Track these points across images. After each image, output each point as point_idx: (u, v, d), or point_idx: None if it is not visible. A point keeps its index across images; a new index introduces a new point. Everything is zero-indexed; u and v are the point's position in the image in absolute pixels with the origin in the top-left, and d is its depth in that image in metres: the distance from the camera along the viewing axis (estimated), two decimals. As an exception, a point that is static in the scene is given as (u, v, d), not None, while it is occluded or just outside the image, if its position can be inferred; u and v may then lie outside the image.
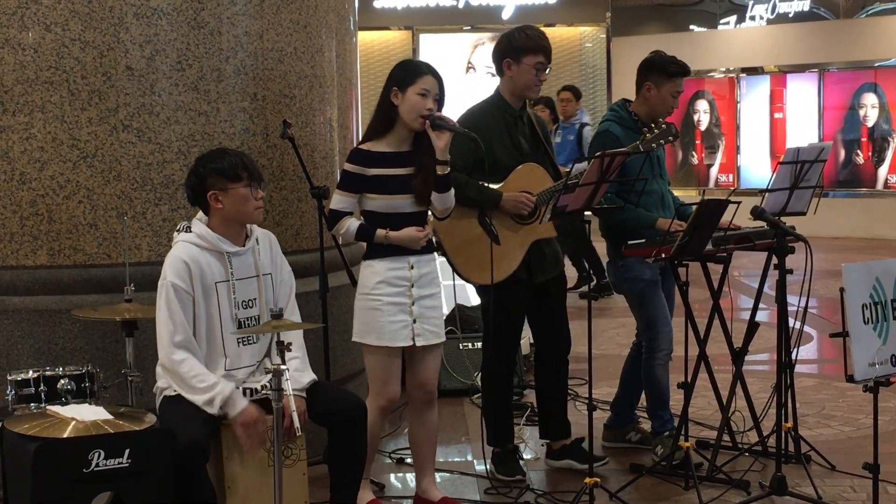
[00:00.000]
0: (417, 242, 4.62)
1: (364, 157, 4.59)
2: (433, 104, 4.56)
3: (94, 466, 3.73)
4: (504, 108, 5.24)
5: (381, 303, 4.58)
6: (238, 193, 4.26)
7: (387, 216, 4.60)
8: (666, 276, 5.50)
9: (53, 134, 4.99)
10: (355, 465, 4.42)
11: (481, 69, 18.77)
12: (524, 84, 5.21)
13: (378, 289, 4.59)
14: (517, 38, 5.22)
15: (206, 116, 5.18)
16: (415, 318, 4.63)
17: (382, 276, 4.59)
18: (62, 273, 5.04)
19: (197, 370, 4.16)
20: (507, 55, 5.21)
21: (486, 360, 5.44)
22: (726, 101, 18.49)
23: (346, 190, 4.62)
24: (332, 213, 4.66)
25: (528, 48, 5.17)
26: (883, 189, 17.00)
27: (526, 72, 5.18)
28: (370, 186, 4.58)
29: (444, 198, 4.66)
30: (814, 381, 7.34)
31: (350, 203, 4.63)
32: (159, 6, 5.06)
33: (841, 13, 17.56)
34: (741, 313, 8.29)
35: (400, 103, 4.57)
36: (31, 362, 4.86)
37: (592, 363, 4.85)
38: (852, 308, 4.04)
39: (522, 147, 5.22)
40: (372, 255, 4.64)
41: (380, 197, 4.58)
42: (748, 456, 5.42)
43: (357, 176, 4.58)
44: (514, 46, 5.20)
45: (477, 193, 5.04)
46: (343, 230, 4.65)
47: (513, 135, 5.21)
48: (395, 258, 4.60)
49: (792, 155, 5.26)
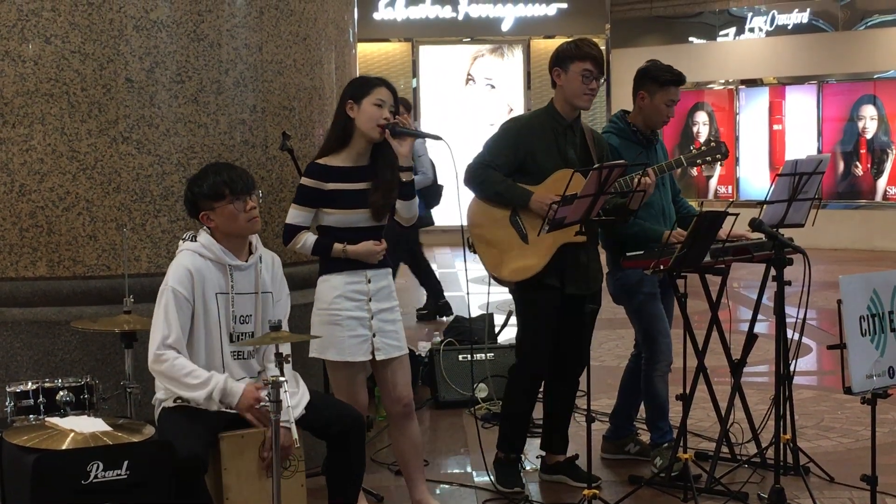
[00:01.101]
0: (375, 256, 4.65)
1: (321, 171, 4.61)
2: (388, 114, 4.58)
3: (92, 478, 3.74)
4: (554, 116, 5.26)
5: (340, 317, 4.60)
6: (225, 211, 4.28)
7: (343, 231, 4.62)
8: (665, 288, 5.51)
9: (53, 146, 5.00)
10: (354, 477, 4.42)
11: (481, 81, 18.79)
12: (572, 92, 5.20)
13: (336, 303, 4.60)
14: (566, 47, 5.26)
15: (206, 128, 5.19)
16: (374, 332, 4.64)
17: (340, 290, 4.60)
18: (61, 284, 5.04)
19: (189, 367, 4.15)
20: (557, 64, 5.25)
21: (514, 367, 5.41)
22: (725, 112, 18.50)
23: (302, 204, 4.64)
24: (288, 228, 4.67)
25: (574, 56, 5.20)
26: (882, 201, 17.00)
27: (573, 80, 5.18)
28: (327, 201, 4.60)
29: (410, 205, 4.71)
30: (813, 393, 7.34)
31: (306, 217, 4.65)
32: (159, 18, 5.07)
33: (840, 25, 17.58)
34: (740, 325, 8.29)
35: (356, 115, 4.59)
36: (30, 374, 4.86)
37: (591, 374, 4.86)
38: (850, 320, 4.05)
39: (569, 157, 5.21)
40: (329, 270, 4.66)
41: (337, 212, 4.60)
42: (747, 468, 5.42)
43: (314, 190, 4.60)
44: (561, 55, 5.25)
45: (505, 189, 5.09)
46: (300, 245, 4.67)
47: (560, 144, 5.22)
48: (352, 272, 4.63)
49: (790, 167, 5.27)
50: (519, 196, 5.09)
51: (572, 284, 5.20)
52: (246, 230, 4.32)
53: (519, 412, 5.40)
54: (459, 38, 19.06)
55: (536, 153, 5.13)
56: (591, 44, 5.30)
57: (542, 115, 5.31)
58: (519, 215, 5.13)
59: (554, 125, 5.24)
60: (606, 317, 5.93)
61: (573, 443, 5.63)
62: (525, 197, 5.07)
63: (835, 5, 17.60)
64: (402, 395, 4.80)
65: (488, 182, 5.09)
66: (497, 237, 5.16)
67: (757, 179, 17.76)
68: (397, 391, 4.78)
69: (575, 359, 5.35)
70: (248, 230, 4.33)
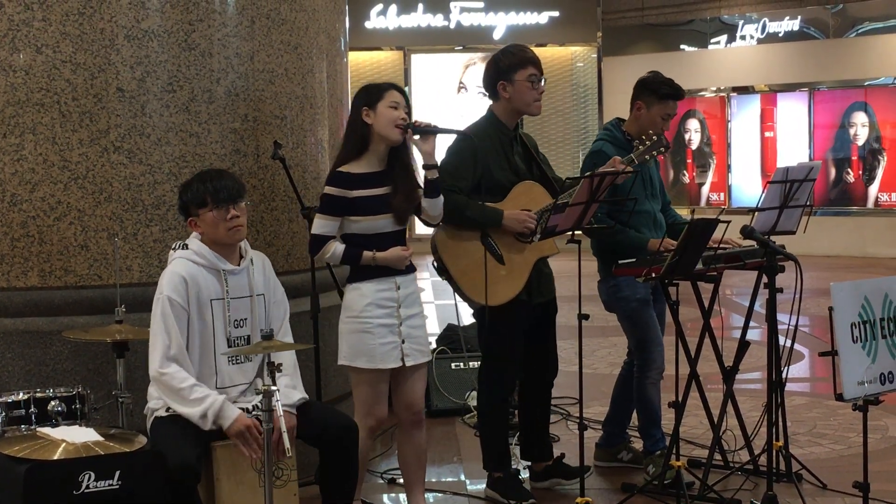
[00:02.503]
0: (403, 262, 4.64)
1: (345, 179, 4.59)
2: (405, 115, 4.60)
3: (84, 488, 3.73)
4: (499, 128, 5.22)
5: (371, 325, 4.58)
6: (207, 218, 4.30)
7: (368, 237, 4.61)
8: (657, 296, 5.51)
9: (44, 155, 5.00)
10: (347, 486, 4.42)
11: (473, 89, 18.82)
12: (523, 101, 5.18)
13: (367, 311, 4.59)
14: (502, 59, 5.21)
15: (197, 137, 5.19)
16: (403, 338, 4.63)
17: (371, 298, 4.59)
18: (53, 294, 5.03)
19: (189, 381, 4.16)
20: (500, 77, 5.20)
21: (486, 383, 5.36)
22: (717, 120, 18.55)
23: (328, 214, 4.61)
24: (316, 239, 4.64)
25: (515, 64, 5.17)
26: (873, 207, 17.05)
27: (522, 88, 5.16)
28: (353, 209, 4.59)
29: (435, 203, 4.68)
30: (805, 400, 7.34)
31: (333, 227, 4.62)
32: (150, 28, 5.08)
33: (831, 33, 17.64)
34: (732, 332, 8.30)
35: (374, 120, 4.59)
36: (21, 384, 4.85)
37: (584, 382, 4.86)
38: (841, 327, 4.06)
39: (519, 167, 5.21)
40: (358, 278, 4.63)
41: (363, 219, 4.59)
42: (740, 475, 5.42)
43: (339, 199, 4.59)
44: (502, 67, 5.20)
45: (478, 213, 5.01)
46: (328, 255, 4.64)
47: (509, 155, 5.20)
48: (382, 279, 4.61)
49: (781, 174, 5.28)
50: (490, 217, 5.01)
51: (538, 294, 5.24)
52: (227, 238, 4.32)
53: (501, 426, 5.38)
54: (451, 47, 19.10)
55: (491, 168, 5.08)
56: (524, 48, 5.27)
57: (487, 128, 5.22)
58: (490, 236, 5.05)
59: (501, 137, 5.21)
60: (599, 324, 5.94)
61: (566, 450, 5.63)
62: (496, 216, 5.00)
63: (826, 13, 17.66)
64: (415, 402, 4.79)
65: (457, 209, 4.93)
66: (471, 264, 5.02)
67: (749, 186, 17.80)
68: (412, 398, 4.77)
69: (549, 365, 5.41)
70: (229, 239, 4.33)
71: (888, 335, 4.19)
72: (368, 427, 4.68)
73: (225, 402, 4.15)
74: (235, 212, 4.29)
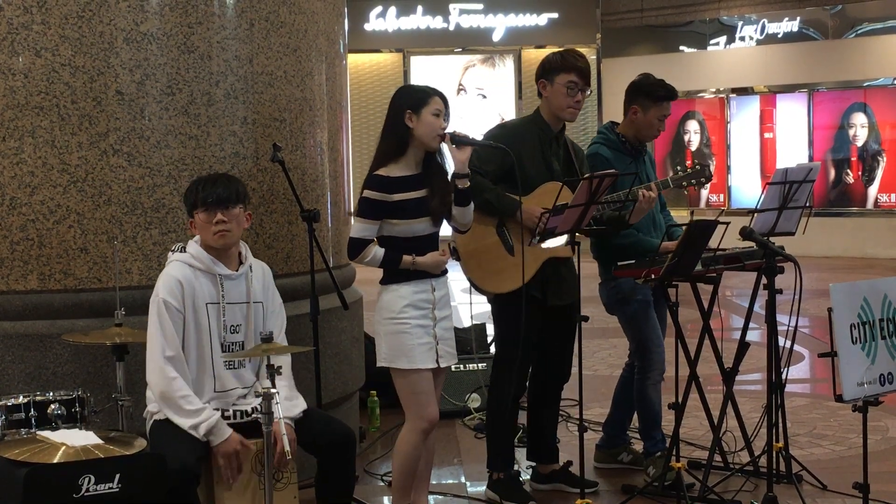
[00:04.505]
0: (441, 267, 4.66)
1: (385, 183, 4.58)
2: (445, 124, 4.61)
3: (84, 492, 3.72)
4: (541, 126, 5.25)
5: (409, 326, 4.58)
6: (198, 220, 4.33)
7: (406, 240, 4.61)
8: (657, 297, 5.51)
9: (44, 159, 5.00)
10: (344, 493, 4.42)
11: (472, 91, 18.84)
12: (557, 105, 5.20)
13: (405, 312, 4.59)
14: (552, 58, 5.24)
15: (197, 140, 5.19)
16: (438, 339, 4.65)
17: (409, 299, 4.59)
18: (53, 297, 5.03)
19: (185, 391, 4.17)
20: (542, 76, 5.23)
21: (494, 382, 5.37)
22: (716, 121, 18.56)
23: (368, 217, 4.59)
24: (355, 242, 4.61)
25: (560, 67, 5.18)
26: (873, 208, 17.06)
27: (558, 92, 5.17)
28: (392, 212, 4.58)
29: (466, 211, 4.70)
30: (805, 401, 7.34)
31: (372, 230, 4.61)
32: (149, 31, 5.08)
33: (830, 33, 17.65)
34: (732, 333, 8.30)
35: (415, 125, 4.58)
36: (21, 387, 4.85)
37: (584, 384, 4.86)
38: (840, 328, 4.06)
39: (554, 168, 5.22)
40: (394, 280, 4.62)
41: (401, 222, 4.58)
42: (740, 476, 5.41)
43: (379, 203, 4.57)
44: (547, 67, 5.23)
45: (495, 198, 5.03)
46: (368, 258, 4.61)
47: (546, 154, 5.21)
48: (419, 281, 4.61)
49: (780, 175, 5.28)
50: (507, 205, 5.05)
51: (555, 296, 5.22)
52: (213, 242, 4.33)
53: (507, 426, 5.38)
54: (451, 49, 19.11)
55: (523, 160, 5.08)
56: (579, 55, 5.26)
57: (529, 123, 5.30)
58: (506, 226, 5.10)
59: (541, 134, 5.23)
60: (599, 326, 5.94)
61: (566, 452, 5.63)
62: (513, 206, 5.01)
63: (825, 13, 17.67)
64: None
65: (477, 189, 4.94)
66: (482, 249, 5.09)
67: (748, 188, 17.81)
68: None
69: (561, 366, 5.39)
70: (216, 243, 4.32)
71: (887, 336, 4.20)
72: (421, 430, 4.64)
73: (220, 420, 4.17)
74: (222, 216, 4.28)
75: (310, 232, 5.25)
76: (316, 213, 5.25)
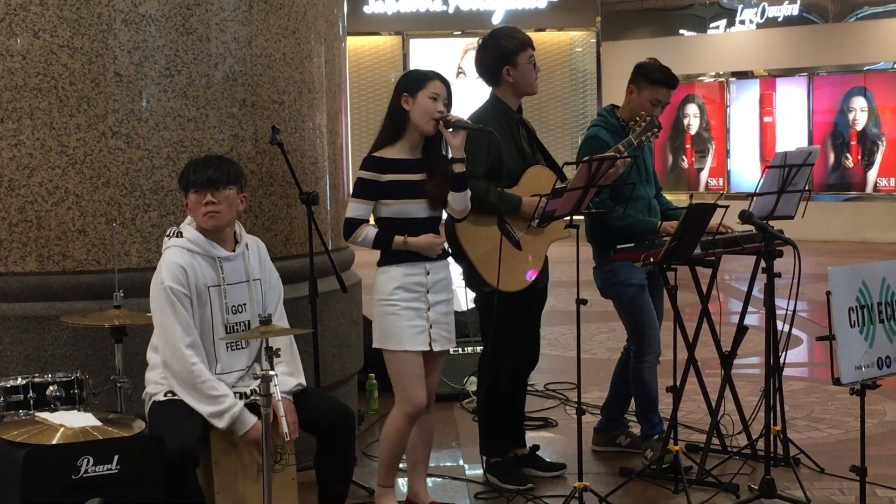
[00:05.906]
0: (435, 249, 4.65)
1: (378, 163, 4.60)
2: (443, 108, 4.59)
3: (83, 473, 3.73)
4: (507, 113, 5.24)
5: (398, 308, 4.59)
6: (190, 202, 4.35)
7: (401, 222, 4.61)
8: (654, 281, 5.51)
9: (42, 140, 4.99)
10: (343, 473, 4.43)
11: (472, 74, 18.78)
12: (527, 82, 5.22)
13: (395, 294, 4.59)
14: (504, 44, 5.21)
15: (195, 122, 5.18)
16: (431, 323, 4.64)
17: (400, 281, 4.60)
18: (51, 279, 5.03)
19: (207, 375, 4.19)
20: (505, 63, 5.19)
21: (488, 369, 5.35)
22: (716, 105, 18.53)
23: (361, 197, 4.61)
24: (349, 222, 4.63)
25: (518, 48, 5.19)
26: (872, 192, 17.05)
27: (525, 70, 5.19)
28: (384, 192, 4.59)
29: (462, 197, 4.68)
30: (803, 385, 7.36)
31: (366, 210, 4.63)
32: (148, 12, 5.06)
33: (830, 17, 17.61)
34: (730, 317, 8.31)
35: (411, 108, 4.59)
36: (20, 369, 4.85)
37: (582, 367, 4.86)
38: (838, 311, 4.06)
39: (525, 151, 5.23)
40: (388, 262, 4.64)
41: (395, 202, 4.59)
42: (737, 459, 5.42)
43: (372, 183, 4.59)
44: (506, 52, 5.19)
45: (497, 199, 5.00)
46: (361, 238, 4.63)
47: (516, 139, 5.21)
48: (411, 264, 4.61)
49: (779, 159, 5.28)
50: (509, 203, 5.02)
51: (544, 277, 5.30)
52: (203, 224, 4.34)
53: (502, 408, 5.38)
54: (450, 31, 19.05)
55: (503, 153, 5.07)
56: (518, 30, 5.32)
57: (497, 113, 5.22)
58: (507, 221, 5.05)
59: (508, 120, 5.22)
60: (597, 310, 5.93)
61: (564, 434, 5.64)
62: (515, 203, 5.02)
63: (825, -3, 17.63)
64: (431, 387, 4.80)
65: (478, 196, 4.89)
66: (489, 251, 4.99)
67: (748, 171, 17.79)
68: (428, 382, 4.77)
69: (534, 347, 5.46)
70: (205, 224, 4.33)
71: (885, 319, 4.20)
72: (406, 413, 4.66)
73: (243, 409, 4.18)
74: (212, 198, 4.29)
75: (308, 214, 5.25)
76: (315, 196, 5.25)
